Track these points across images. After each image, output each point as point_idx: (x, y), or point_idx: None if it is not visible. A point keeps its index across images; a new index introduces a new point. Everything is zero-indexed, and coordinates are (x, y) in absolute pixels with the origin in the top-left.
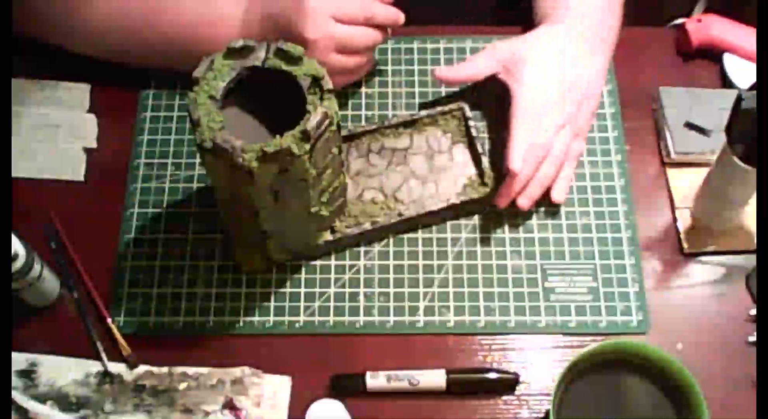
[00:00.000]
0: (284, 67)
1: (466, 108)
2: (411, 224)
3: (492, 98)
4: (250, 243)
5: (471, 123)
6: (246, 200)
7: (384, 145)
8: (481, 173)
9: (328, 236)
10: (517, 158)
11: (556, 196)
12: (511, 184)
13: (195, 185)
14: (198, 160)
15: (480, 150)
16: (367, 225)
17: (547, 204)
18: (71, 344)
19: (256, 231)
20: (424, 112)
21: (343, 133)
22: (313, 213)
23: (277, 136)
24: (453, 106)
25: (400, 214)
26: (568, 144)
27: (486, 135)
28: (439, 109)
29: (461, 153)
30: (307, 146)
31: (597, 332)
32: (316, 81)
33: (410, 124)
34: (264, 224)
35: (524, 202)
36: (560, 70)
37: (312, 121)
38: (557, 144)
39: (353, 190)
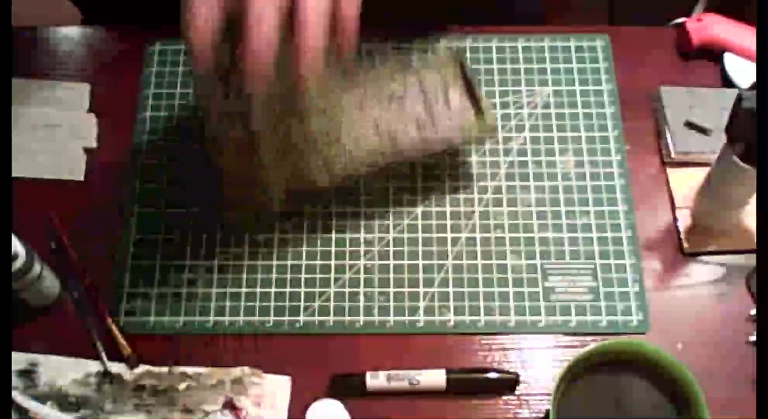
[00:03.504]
0: None
1: (461, 51)
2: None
3: None
4: (243, 192)
5: (465, 63)
6: (244, 124)
7: (379, 88)
8: (478, 110)
9: (325, 175)
10: None
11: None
12: None
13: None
14: (198, 160)
15: (476, 87)
16: (364, 160)
17: (547, 203)
18: (71, 344)
19: (251, 169)
20: (415, 55)
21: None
22: (310, 141)
23: None
24: (444, 48)
25: (399, 151)
26: None
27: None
28: (431, 55)
29: (457, 92)
30: None
31: (597, 332)
32: None
33: (403, 67)
34: (262, 151)
35: None
36: None
37: None
38: None
39: (348, 133)
